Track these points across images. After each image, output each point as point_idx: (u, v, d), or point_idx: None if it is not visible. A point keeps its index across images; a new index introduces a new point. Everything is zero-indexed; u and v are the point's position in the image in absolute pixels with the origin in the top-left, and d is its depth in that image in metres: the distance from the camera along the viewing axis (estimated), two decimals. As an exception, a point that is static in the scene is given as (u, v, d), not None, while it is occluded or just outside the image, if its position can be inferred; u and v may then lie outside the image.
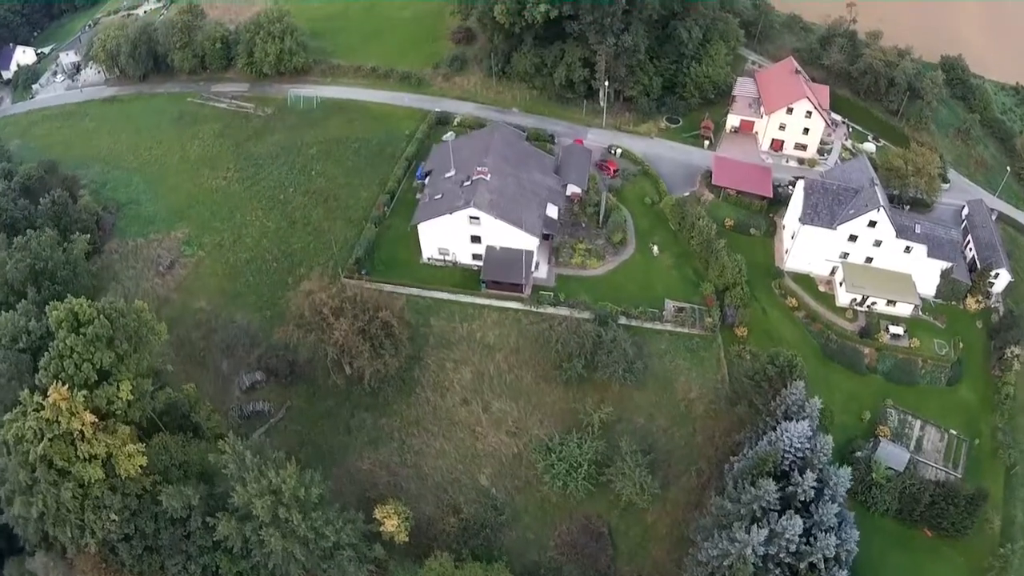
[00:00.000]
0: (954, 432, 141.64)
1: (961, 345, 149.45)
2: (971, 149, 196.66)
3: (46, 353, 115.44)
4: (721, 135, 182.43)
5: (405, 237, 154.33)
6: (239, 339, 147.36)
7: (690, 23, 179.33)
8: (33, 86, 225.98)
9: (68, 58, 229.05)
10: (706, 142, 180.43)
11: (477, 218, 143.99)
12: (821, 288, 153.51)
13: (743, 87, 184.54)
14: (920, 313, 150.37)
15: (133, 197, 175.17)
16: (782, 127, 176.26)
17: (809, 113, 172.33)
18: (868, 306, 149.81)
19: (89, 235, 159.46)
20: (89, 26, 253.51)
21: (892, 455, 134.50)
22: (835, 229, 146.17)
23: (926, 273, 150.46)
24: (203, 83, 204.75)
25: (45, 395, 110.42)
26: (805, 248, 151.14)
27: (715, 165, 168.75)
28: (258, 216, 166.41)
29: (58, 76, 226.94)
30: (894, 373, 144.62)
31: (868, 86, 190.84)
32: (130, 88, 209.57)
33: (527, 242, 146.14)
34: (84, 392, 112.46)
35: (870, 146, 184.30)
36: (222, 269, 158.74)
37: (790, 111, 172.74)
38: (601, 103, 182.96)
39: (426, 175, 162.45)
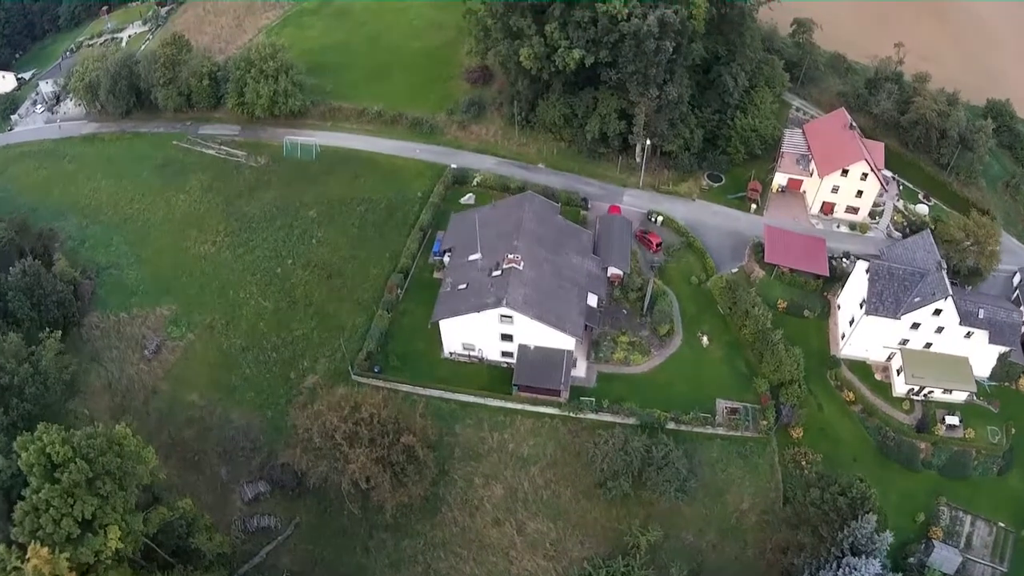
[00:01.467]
0: (1002, 525, 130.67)
1: (1013, 431, 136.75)
2: (1020, 205, 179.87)
3: (20, 502, 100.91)
4: (767, 195, 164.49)
5: (423, 326, 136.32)
6: (238, 442, 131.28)
7: (735, 68, 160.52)
8: (12, 116, 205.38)
9: (48, 87, 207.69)
10: (753, 205, 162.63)
11: (510, 317, 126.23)
12: (877, 376, 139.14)
13: (791, 140, 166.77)
14: (975, 398, 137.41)
15: (113, 260, 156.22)
16: (835, 190, 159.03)
17: (865, 175, 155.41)
18: (925, 395, 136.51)
19: (63, 317, 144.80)
20: (71, 51, 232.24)
21: (945, 559, 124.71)
22: (899, 319, 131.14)
23: (983, 355, 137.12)
24: (190, 123, 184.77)
25: (24, 551, 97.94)
26: (864, 336, 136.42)
27: (767, 239, 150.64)
28: (252, 293, 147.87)
29: (38, 106, 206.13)
30: (948, 467, 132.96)
31: (918, 138, 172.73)
32: (112, 125, 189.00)
33: (566, 342, 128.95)
34: (67, 551, 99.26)
35: (923, 208, 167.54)
36: (215, 357, 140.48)
37: (845, 173, 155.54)
38: (638, 159, 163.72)
39: (445, 252, 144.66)
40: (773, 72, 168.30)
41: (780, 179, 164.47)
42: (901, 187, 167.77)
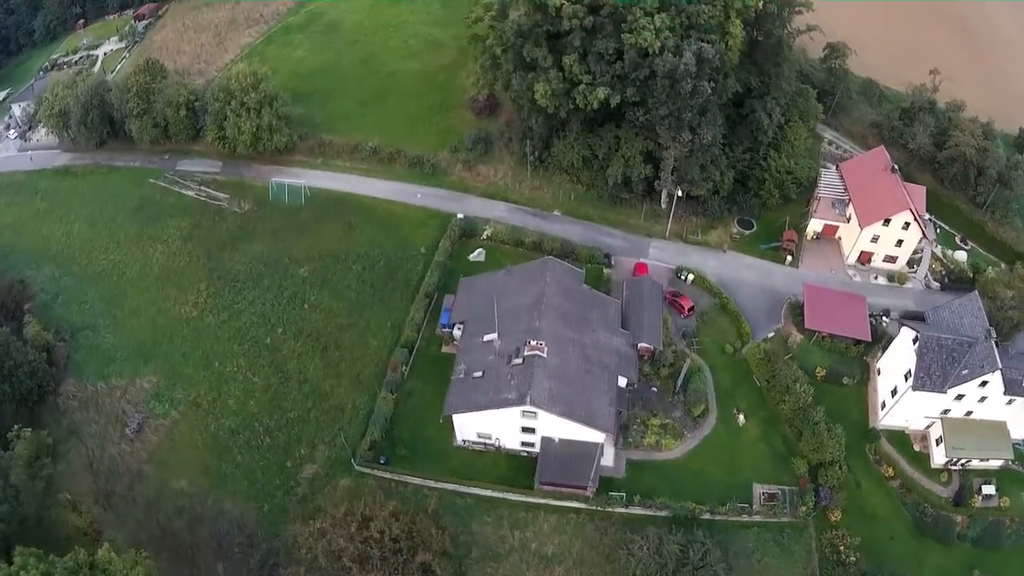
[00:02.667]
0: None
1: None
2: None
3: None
4: (802, 243, 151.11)
5: (432, 409, 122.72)
6: (234, 537, 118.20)
7: (770, 103, 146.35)
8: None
9: (19, 110, 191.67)
10: (788, 257, 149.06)
11: (533, 413, 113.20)
12: (916, 447, 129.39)
13: (827, 182, 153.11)
14: (1010, 464, 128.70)
15: (89, 320, 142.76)
16: (874, 239, 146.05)
17: (907, 224, 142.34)
18: (962, 464, 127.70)
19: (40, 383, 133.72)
20: (45, 69, 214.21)
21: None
22: (945, 392, 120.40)
23: (1020, 418, 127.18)
24: (168, 156, 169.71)
25: None
26: (907, 407, 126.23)
27: (807, 302, 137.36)
28: (240, 366, 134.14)
29: (11, 131, 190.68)
30: (982, 538, 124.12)
31: (955, 175, 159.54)
32: (85, 157, 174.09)
33: (595, 435, 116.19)
34: None
35: (961, 254, 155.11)
36: (203, 439, 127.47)
37: (887, 222, 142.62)
38: (663, 205, 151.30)
39: (454, 325, 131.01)
40: (807, 105, 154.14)
41: (815, 225, 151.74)
42: (938, 230, 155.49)
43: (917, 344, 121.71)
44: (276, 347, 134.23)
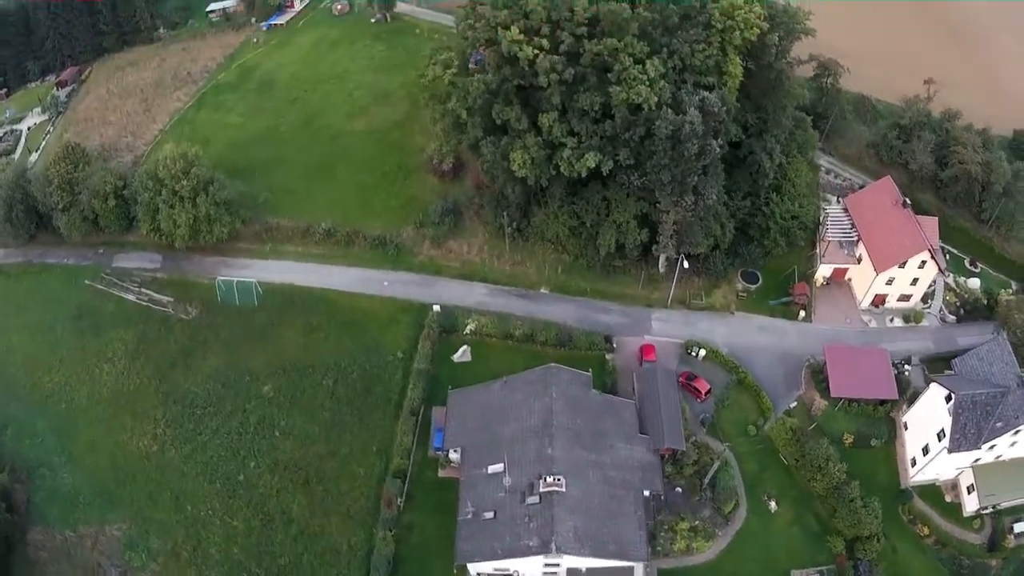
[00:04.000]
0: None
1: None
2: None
3: None
4: (812, 291, 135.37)
5: (438, 544, 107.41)
6: None
7: (769, 141, 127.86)
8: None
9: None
10: (801, 312, 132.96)
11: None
12: (948, 497, 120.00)
13: (834, 221, 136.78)
14: None
15: (43, 458, 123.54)
16: (889, 281, 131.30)
17: (923, 263, 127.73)
18: (994, 507, 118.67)
19: None
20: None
21: None
22: (980, 448, 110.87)
23: None
24: (102, 251, 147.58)
25: None
26: (939, 464, 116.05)
27: (830, 366, 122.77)
28: (216, 508, 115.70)
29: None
30: None
31: (959, 193, 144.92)
32: (16, 253, 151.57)
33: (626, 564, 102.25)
34: None
35: (974, 281, 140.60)
36: None
37: (903, 264, 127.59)
38: (661, 269, 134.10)
39: (450, 450, 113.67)
40: (805, 136, 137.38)
41: (824, 270, 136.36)
42: (948, 256, 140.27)
43: (952, 404, 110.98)
44: (251, 483, 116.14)
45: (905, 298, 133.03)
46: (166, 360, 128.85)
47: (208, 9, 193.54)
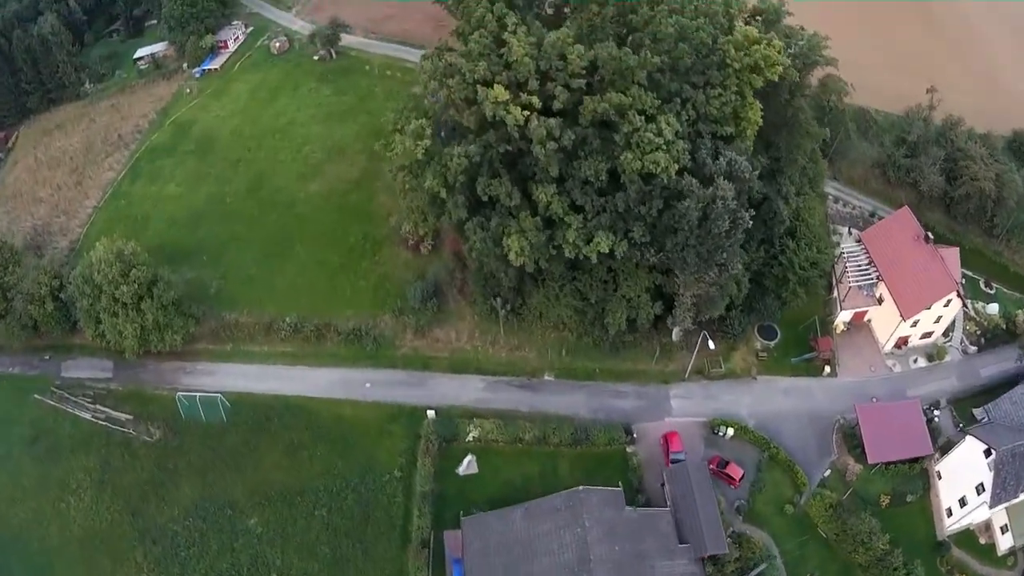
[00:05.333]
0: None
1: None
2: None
3: None
4: (830, 336, 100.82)
5: None
6: None
7: (784, 185, 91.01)
8: None
9: None
10: (825, 367, 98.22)
11: None
12: (981, 540, 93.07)
13: (852, 261, 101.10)
14: None
15: None
16: (913, 323, 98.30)
17: (949, 301, 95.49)
18: None
19: None
20: None
21: None
22: (1019, 497, 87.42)
23: None
24: (48, 358, 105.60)
25: None
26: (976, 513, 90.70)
27: (865, 432, 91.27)
28: None
29: None
30: None
31: (970, 210, 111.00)
32: None
33: None
34: None
35: (993, 307, 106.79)
36: None
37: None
38: (673, 337, 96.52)
39: None
40: (817, 169, 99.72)
41: (844, 316, 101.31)
42: (963, 280, 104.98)
43: (992, 459, 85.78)
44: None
45: (927, 335, 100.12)
46: (136, 491, 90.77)
47: (135, 56, 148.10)
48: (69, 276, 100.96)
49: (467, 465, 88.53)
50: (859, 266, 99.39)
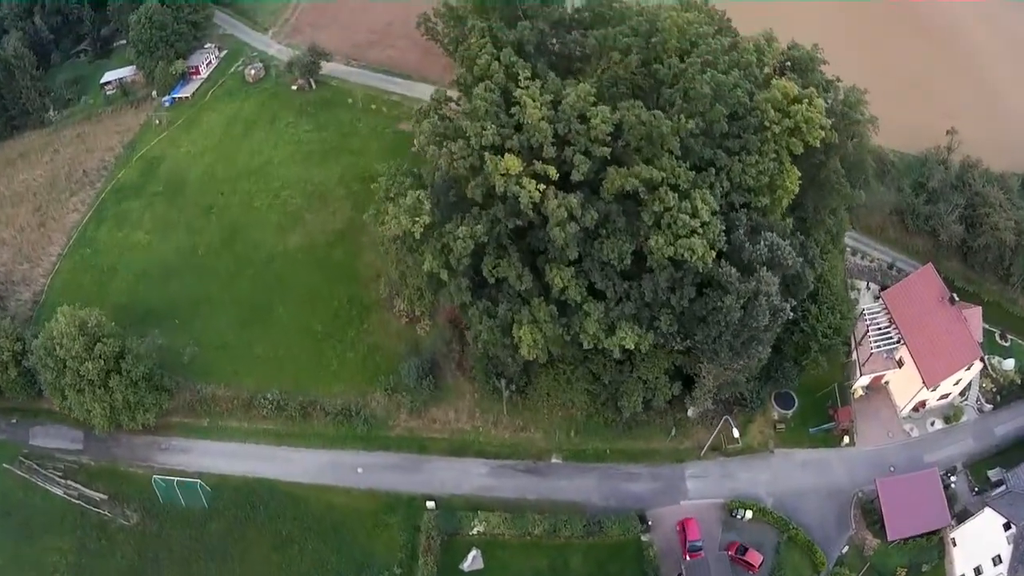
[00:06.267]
0: None
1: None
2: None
3: None
4: (849, 404, 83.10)
5: None
6: None
7: (811, 248, 72.05)
8: None
9: None
10: (845, 438, 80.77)
11: None
12: None
13: (873, 324, 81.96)
14: None
15: None
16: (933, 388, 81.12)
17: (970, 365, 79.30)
18: None
19: None
20: None
21: None
22: None
23: None
24: (15, 422, 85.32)
25: None
26: None
27: (885, 509, 75.61)
28: None
29: None
30: None
31: (989, 260, 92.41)
32: None
33: None
34: None
35: (1010, 363, 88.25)
36: None
37: None
38: (689, 413, 77.97)
39: None
40: (839, 223, 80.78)
41: (863, 380, 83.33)
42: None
43: (1011, 532, 72.89)
44: None
45: (945, 396, 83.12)
46: (116, 583, 71.44)
47: (102, 81, 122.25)
48: (31, 344, 79.62)
49: (472, 560, 70.36)
50: (880, 328, 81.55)
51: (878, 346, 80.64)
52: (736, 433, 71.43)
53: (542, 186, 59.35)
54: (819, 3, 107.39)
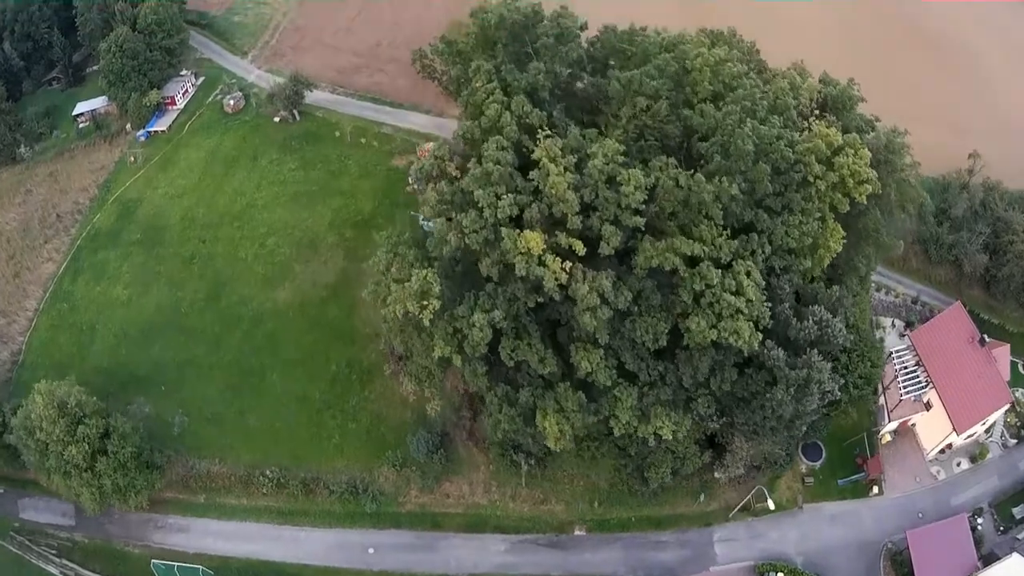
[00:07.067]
0: None
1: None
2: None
3: None
4: (878, 452, 72.08)
5: None
6: None
7: (845, 297, 60.72)
8: None
9: None
10: (873, 488, 70.47)
11: None
12: None
13: (902, 369, 71.59)
14: None
15: None
16: None
17: None
18: None
19: None
20: None
21: None
22: None
23: None
24: (2, 492, 73.31)
25: None
26: None
27: (916, 564, 64.61)
28: None
29: None
30: None
31: (1012, 288, 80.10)
32: None
33: None
34: None
35: None
36: None
37: None
38: (716, 474, 66.50)
39: None
40: (868, 265, 69.37)
41: (891, 426, 72.86)
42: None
43: None
44: None
45: (971, 435, 72.95)
46: None
47: (75, 113, 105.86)
48: (10, 420, 67.15)
49: (499, 661, 59.69)
50: (908, 371, 71.49)
51: (907, 390, 71.07)
52: (771, 505, 61.09)
53: (567, 264, 47.67)
54: (820, 17, 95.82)
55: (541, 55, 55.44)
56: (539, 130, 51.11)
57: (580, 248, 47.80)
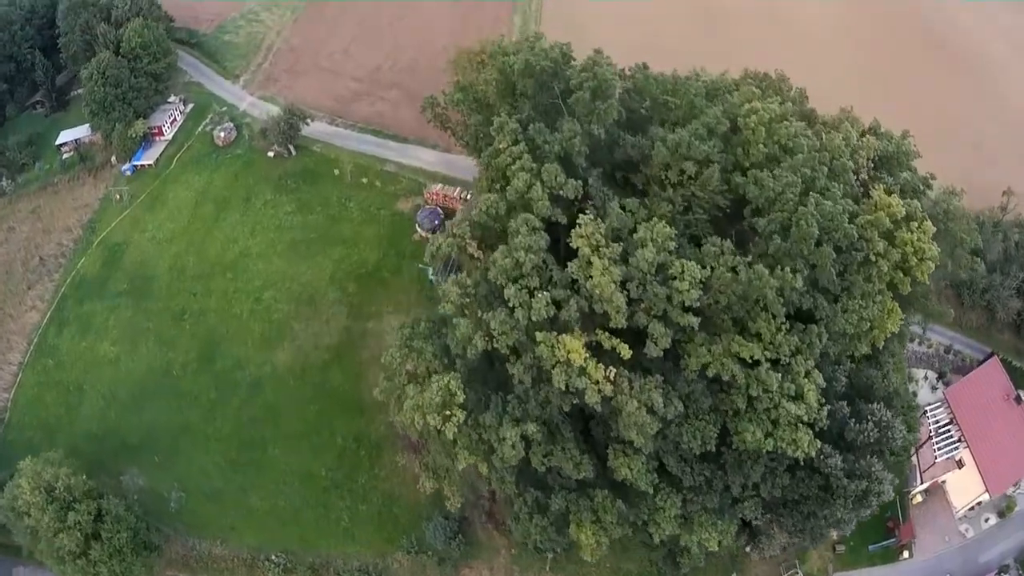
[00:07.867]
0: None
1: None
2: None
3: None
4: (910, 516, 64.57)
5: None
6: None
7: (886, 364, 53.22)
8: None
9: None
10: (904, 552, 63.07)
11: None
12: None
13: (937, 429, 64.40)
14: None
15: None
16: None
17: None
18: None
19: None
20: None
21: None
22: None
23: None
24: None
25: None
26: None
27: None
28: None
29: None
30: None
31: None
32: None
33: None
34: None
35: None
36: None
37: None
38: (751, 551, 57.08)
39: None
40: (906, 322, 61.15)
41: (923, 487, 65.48)
42: None
43: None
44: None
45: (1000, 491, 67.56)
46: None
47: (58, 142, 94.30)
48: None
49: None
50: (941, 428, 64.29)
51: (940, 451, 63.93)
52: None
53: (611, 371, 39.18)
54: (834, 37, 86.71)
55: (575, 111, 46.08)
56: (575, 207, 42.02)
57: (626, 352, 39.19)
